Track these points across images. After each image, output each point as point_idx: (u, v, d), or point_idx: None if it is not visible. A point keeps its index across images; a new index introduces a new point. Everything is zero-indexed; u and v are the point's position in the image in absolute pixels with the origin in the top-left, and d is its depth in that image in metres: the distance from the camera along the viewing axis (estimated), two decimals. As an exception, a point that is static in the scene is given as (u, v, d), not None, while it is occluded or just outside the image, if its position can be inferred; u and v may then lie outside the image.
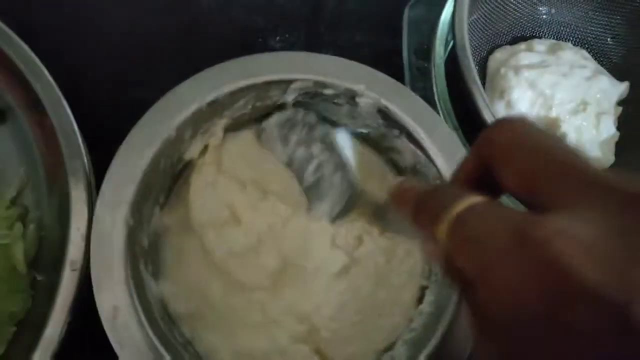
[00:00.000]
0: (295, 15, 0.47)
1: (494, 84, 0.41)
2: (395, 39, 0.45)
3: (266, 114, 0.35)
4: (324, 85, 0.32)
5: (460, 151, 0.31)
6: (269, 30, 0.46)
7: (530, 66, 0.41)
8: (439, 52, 0.37)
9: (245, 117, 0.35)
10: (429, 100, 0.37)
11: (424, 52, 0.38)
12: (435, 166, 0.31)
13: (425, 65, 0.38)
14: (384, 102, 0.32)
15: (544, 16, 0.46)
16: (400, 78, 0.34)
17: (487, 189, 0.16)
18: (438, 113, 0.37)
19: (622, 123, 0.43)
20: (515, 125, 0.16)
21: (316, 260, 0.32)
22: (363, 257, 0.33)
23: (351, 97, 0.33)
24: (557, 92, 0.40)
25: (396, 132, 0.33)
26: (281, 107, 0.35)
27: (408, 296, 0.33)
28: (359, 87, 0.32)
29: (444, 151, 0.31)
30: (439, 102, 0.37)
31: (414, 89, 0.37)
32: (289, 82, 0.33)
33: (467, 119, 0.36)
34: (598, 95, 0.42)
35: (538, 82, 0.40)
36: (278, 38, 0.46)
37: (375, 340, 0.32)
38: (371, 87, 0.32)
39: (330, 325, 0.32)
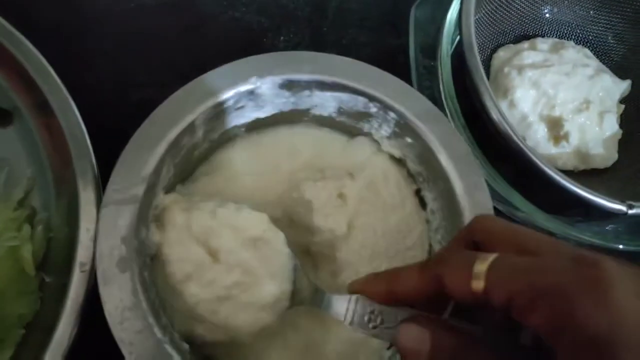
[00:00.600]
0: (299, 15, 0.47)
1: (497, 83, 0.42)
2: (399, 38, 0.45)
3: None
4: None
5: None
6: (272, 30, 0.46)
7: (533, 65, 0.41)
8: (446, 50, 0.38)
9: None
10: (436, 98, 0.37)
11: (430, 51, 0.38)
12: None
13: (432, 64, 0.38)
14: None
15: (547, 15, 0.47)
16: (404, 77, 0.34)
17: None
18: (445, 111, 0.37)
19: (624, 120, 0.44)
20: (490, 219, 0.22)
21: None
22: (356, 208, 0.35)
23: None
24: (560, 91, 0.40)
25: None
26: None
27: (411, 207, 0.35)
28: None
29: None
30: (446, 101, 0.37)
31: (420, 87, 0.37)
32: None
33: (474, 117, 0.36)
34: (600, 94, 0.42)
35: (541, 81, 0.40)
36: (282, 38, 0.46)
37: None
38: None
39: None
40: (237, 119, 0.35)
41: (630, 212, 0.34)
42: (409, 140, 0.34)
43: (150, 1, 0.46)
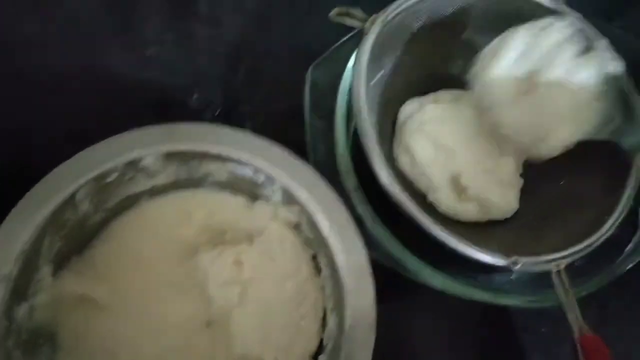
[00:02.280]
0: (212, 74, 0.48)
1: (400, 139, 0.43)
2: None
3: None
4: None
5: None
6: (185, 89, 0.47)
7: (433, 119, 0.42)
8: (340, 112, 0.39)
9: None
10: (332, 160, 0.38)
11: (327, 113, 0.39)
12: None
13: (328, 126, 0.39)
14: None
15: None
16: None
17: None
18: (339, 173, 0.38)
19: (527, 169, 0.45)
20: None
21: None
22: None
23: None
24: (458, 145, 0.41)
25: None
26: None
27: (307, 273, 0.36)
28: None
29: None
30: (340, 164, 0.38)
31: (315, 149, 0.38)
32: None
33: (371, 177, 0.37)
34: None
35: (440, 136, 0.41)
36: (195, 96, 0.47)
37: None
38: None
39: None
40: (131, 188, 0.35)
41: (515, 267, 0.35)
42: (298, 207, 0.34)
43: (65, 59, 0.46)
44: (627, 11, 0.54)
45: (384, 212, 0.37)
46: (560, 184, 0.43)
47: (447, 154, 0.41)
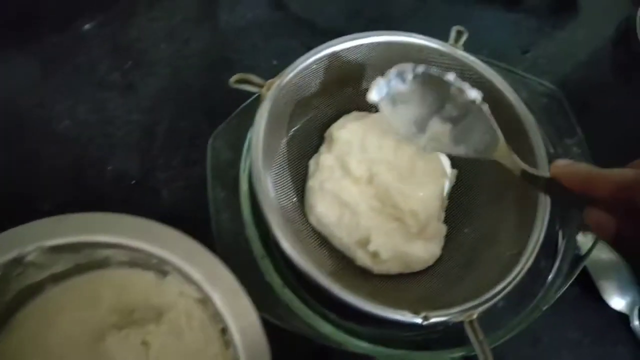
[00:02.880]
0: (128, 142, 0.47)
1: (306, 198, 0.42)
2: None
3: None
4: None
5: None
6: (102, 160, 0.46)
7: (332, 177, 0.41)
8: (245, 180, 0.38)
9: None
10: (238, 229, 0.38)
11: (233, 180, 0.39)
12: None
13: (233, 192, 0.39)
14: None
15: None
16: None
17: None
18: (247, 240, 0.37)
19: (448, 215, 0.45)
20: None
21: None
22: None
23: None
24: (361, 202, 0.41)
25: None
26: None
27: (216, 349, 0.35)
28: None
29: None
30: (247, 229, 0.37)
31: (218, 220, 0.37)
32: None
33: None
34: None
35: (341, 193, 0.40)
36: (110, 167, 0.46)
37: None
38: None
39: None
40: (25, 281, 0.34)
41: (425, 323, 0.35)
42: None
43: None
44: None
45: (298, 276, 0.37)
46: (480, 225, 0.43)
47: (352, 213, 0.40)
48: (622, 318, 0.45)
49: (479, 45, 0.55)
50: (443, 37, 0.43)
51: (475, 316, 0.35)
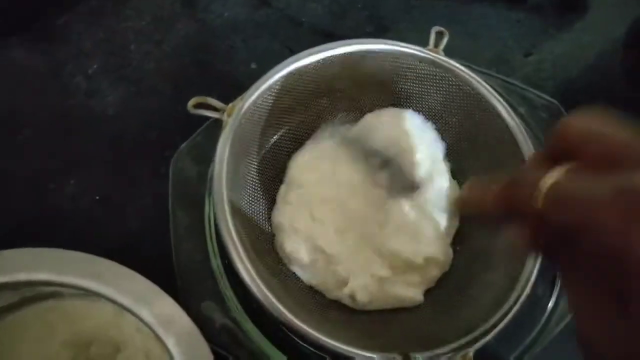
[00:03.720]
0: (91, 155, 0.44)
1: (276, 236, 0.38)
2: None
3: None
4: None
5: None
6: (62, 173, 0.43)
7: (300, 217, 0.37)
8: (210, 205, 0.35)
9: None
10: (204, 258, 0.35)
11: (197, 205, 0.35)
12: None
13: (199, 220, 0.35)
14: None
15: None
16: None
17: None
18: (214, 277, 0.34)
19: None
20: (587, 116, 0.20)
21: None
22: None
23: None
24: (341, 248, 0.36)
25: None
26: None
27: None
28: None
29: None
30: (212, 260, 0.34)
31: (179, 250, 0.34)
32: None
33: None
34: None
35: (314, 235, 0.36)
36: (72, 182, 0.43)
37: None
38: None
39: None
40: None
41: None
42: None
43: None
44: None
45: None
46: (472, 244, 0.40)
47: (327, 258, 0.36)
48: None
49: (478, 48, 0.51)
50: (439, 37, 0.39)
51: (471, 353, 0.31)
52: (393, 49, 0.38)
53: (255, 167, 0.37)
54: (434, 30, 0.39)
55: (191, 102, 0.34)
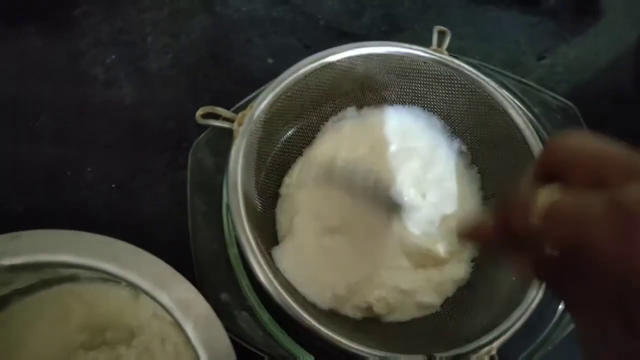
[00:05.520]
0: (110, 141, 0.44)
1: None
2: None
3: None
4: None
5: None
6: (80, 160, 0.43)
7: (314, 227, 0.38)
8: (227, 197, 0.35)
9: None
10: (220, 247, 0.35)
11: (214, 194, 0.36)
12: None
13: (214, 210, 0.35)
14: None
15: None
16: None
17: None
18: (231, 265, 0.34)
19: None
20: (575, 136, 0.20)
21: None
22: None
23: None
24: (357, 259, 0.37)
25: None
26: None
27: None
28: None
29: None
30: (229, 249, 0.34)
31: (196, 239, 0.34)
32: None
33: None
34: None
35: (329, 247, 0.37)
36: (90, 169, 0.43)
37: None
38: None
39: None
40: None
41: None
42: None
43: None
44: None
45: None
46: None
47: (342, 269, 0.37)
48: None
49: (491, 50, 0.51)
50: (453, 38, 0.40)
51: (494, 351, 0.32)
52: (397, 50, 0.39)
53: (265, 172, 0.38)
54: (436, 29, 0.40)
55: (199, 112, 0.35)
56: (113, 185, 0.43)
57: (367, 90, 0.43)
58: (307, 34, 0.50)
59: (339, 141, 0.41)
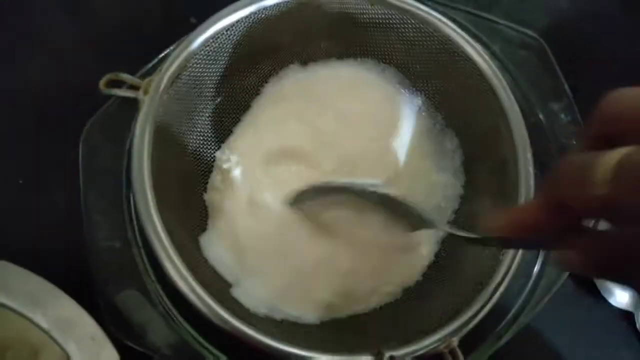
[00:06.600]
0: (10, 130, 0.39)
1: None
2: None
3: None
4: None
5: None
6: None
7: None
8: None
9: None
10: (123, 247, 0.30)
11: (112, 187, 0.30)
12: None
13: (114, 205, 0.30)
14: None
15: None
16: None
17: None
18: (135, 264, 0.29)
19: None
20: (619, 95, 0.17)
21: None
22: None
23: None
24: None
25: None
26: None
27: None
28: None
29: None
30: (135, 249, 0.29)
31: (92, 239, 0.29)
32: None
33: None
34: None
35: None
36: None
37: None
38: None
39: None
40: None
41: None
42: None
43: None
44: None
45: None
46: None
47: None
48: (626, 317, 0.37)
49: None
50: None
51: (456, 343, 0.27)
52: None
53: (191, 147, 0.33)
54: None
55: (102, 80, 0.29)
56: (20, 182, 0.38)
57: (309, 43, 0.37)
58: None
59: (283, 114, 0.36)
